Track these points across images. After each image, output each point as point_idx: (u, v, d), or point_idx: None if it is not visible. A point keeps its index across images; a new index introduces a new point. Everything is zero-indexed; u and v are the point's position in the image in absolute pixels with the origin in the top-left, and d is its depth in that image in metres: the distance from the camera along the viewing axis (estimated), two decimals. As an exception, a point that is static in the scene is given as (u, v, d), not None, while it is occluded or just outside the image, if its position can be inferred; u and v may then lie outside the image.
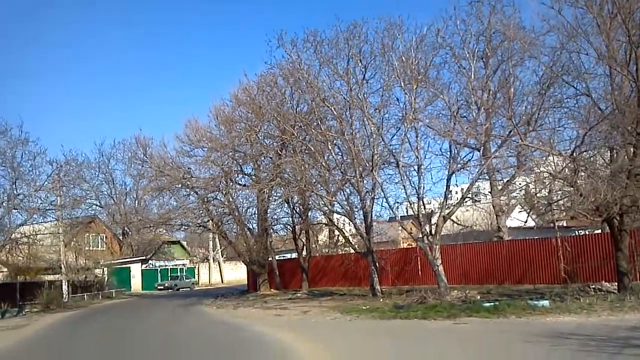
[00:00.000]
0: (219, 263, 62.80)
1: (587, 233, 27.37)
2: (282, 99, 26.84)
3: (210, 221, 34.90)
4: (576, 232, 31.26)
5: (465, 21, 19.91)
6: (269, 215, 33.72)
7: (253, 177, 32.01)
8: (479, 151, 21.38)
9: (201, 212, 33.64)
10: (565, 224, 28.75)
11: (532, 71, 18.64)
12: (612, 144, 14.43)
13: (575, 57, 15.46)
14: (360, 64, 22.60)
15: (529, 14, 23.09)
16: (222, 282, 60.80)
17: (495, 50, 20.46)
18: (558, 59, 16.10)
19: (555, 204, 14.93)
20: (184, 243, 66.53)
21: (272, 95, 27.22)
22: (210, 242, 61.06)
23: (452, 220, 22.63)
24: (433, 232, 20.88)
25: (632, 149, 13.15)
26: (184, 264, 60.42)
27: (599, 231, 26.98)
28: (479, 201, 36.74)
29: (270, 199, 31.04)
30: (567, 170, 13.80)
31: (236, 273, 58.78)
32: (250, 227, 34.82)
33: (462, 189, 22.50)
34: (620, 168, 13.12)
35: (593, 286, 17.32)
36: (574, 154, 13.87)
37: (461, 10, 19.96)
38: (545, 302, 14.87)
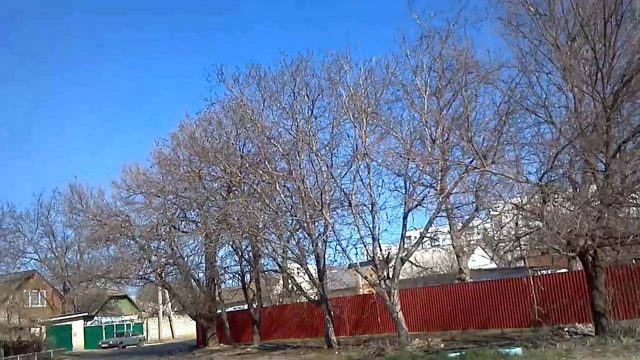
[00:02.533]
0: (169, 317, 58.95)
1: (549, 273, 26.21)
2: (227, 140, 25.13)
3: (153, 272, 32.16)
4: (538, 272, 30.12)
5: (415, 52, 18.95)
6: (217, 264, 31.41)
7: (198, 223, 29.76)
8: (435, 189, 20.13)
9: (142, 262, 31.02)
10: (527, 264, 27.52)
11: (489, 103, 17.65)
12: (577, 172, 13.23)
13: (535, 83, 14.44)
14: (307, 99, 21.28)
15: (482, 49, 22.23)
16: (173, 337, 57.03)
17: (449, 83, 19.49)
18: (516, 87, 15.08)
19: (523, 238, 13.59)
20: (133, 297, 62.76)
21: (217, 136, 25.51)
22: (160, 295, 57.22)
23: (411, 262, 21.11)
24: (391, 275, 19.35)
25: (603, 175, 11.91)
26: (131, 320, 56.83)
27: (564, 270, 25.88)
28: (439, 244, 35.33)
29: (218, 245, 28.80)
30: (533, 200, 12.49)
31: (188, 327, 55.12)
32: (197, 277, 32.35)
33: (420, 231, 21.09)
34: (591, 197, 11.90)
35: (567, 329, 15.87)
36: (542, 180, 12.56)
37: (411, 44, 19.04)
38: (518, 350, 13.25)
